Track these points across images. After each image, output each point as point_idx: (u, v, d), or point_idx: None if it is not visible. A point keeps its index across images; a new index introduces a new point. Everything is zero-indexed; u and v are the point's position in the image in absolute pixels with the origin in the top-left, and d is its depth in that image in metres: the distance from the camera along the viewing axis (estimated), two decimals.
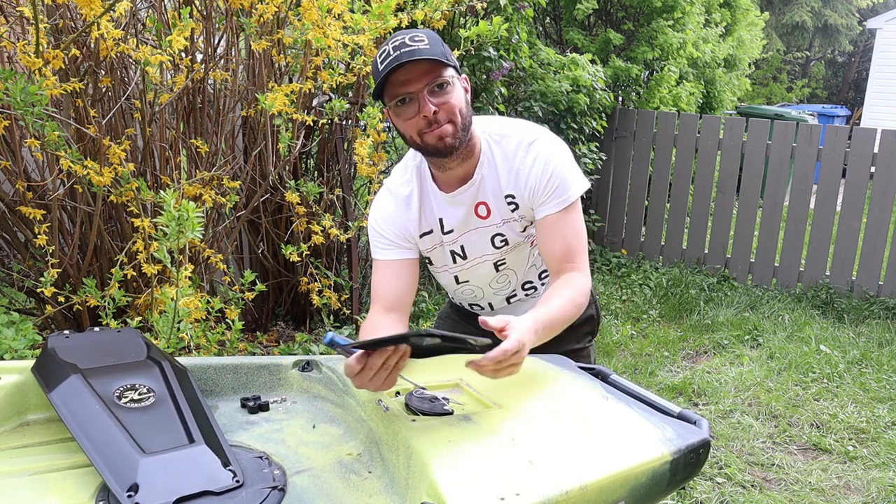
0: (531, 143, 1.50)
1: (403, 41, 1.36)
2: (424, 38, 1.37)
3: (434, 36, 1.39)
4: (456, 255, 1.63)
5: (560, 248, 1.52)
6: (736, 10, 7.92)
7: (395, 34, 1.39)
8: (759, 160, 5.29)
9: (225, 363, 1.37)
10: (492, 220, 1.57)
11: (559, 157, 1.51)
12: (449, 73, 1.39)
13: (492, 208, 1.55)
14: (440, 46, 1.39)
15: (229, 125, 3.08)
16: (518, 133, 1.52)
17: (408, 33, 1.37)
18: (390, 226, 1.57)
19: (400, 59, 1.35)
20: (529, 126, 1.55)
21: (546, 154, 1.50)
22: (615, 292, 5.18)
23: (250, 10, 2.55)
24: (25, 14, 2.07)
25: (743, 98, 13.26)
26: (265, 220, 3.44)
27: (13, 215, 2.45)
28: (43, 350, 1.22)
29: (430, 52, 1.35)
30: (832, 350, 4.18)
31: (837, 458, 3.07)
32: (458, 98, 1.42)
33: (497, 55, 4.24)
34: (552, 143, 1.52)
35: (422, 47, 1.36)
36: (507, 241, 1.60)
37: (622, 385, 1.42)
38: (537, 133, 1.53)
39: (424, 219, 1.58)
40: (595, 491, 1.05)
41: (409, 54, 1.34)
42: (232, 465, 1.05)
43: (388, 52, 1.37)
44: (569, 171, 1.51)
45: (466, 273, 1.67)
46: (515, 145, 1.51)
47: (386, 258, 1.58)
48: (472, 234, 1.59)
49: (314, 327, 3.76)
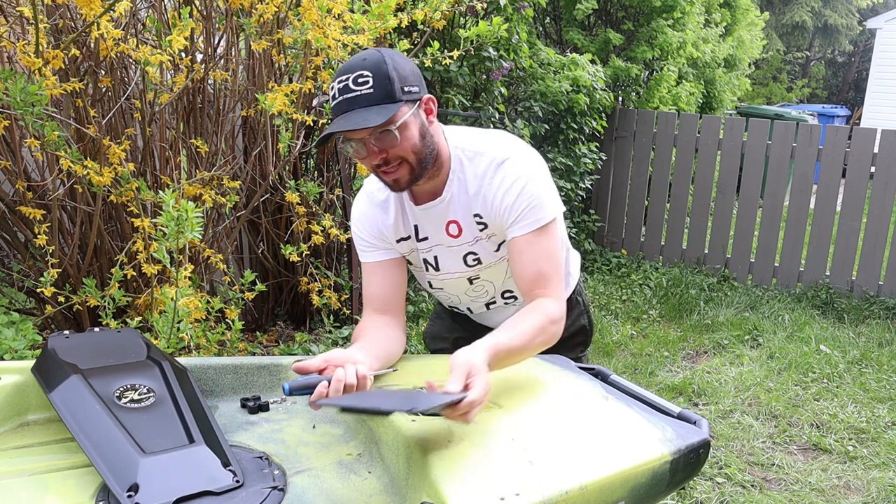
0: (502, 163, 1.43)
1: (348, 84, 1.30)
2: (370, 80, 1.30)
3: (381, 71, 1.30)
4: (429, 264, 1.59)
5: (530, 273, 1.44)
6: (736, 10, 7.93)
7: (344, 69, 1.32)
8: (759, 160, 5.29)
9: (225, 363, 1.37)
10: (463, 239, 1.52)
11: (532, 176, 1.43)
12: (398, 114, 1.31)
13: (462, 227, 1.50)
14: (387, 85, 1.30)
15: (229, 125, 3.08)
16: (491, 151, 1.45)
17: (354, 71, 1.30)
18: (368, 228, 1.55)
19: (341, 107, 1.31)
20: (505, 142, 1.48)
21: (517, 173, 1.42)
22: (615, 292, 5.18)
23: (250, 10, 2.55)
24: (25, 14, 2.07)
25: (743, 98, 13.27)
26: (265, 220, 3.43)
27: (13, 215, 2.45)
28: (43, 350, 1.23)
29: (372, 98, 1.29)
30: (832, 350, 4.18)
31: (837, 458, 3.07)
32: (410, 138, 1.35)
33: (497, 55, 4.24)
34: (525, 162, 1.45)
35: (364, 93, 1.29)
36: (479, 259, 1.55)
37: (622, 385, 1.42)
38: (511, 151, 1.45)
39: (402, 224, 1.55)
40: (595, 491, 1.05)
41: (350, 103, 1.30)
42: (232, 465, 1.05)
43: (335, 91, 1.33)
44: (542, 191, 1.44)
45: (440, 283, 1.65)
46: (486, 164, 1.44)
47: (370, 260, 1.57)
48: (444, 250, 1.56)
49: (314, 327, 3.76)
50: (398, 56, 1.35)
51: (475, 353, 1.19)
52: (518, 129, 4.52)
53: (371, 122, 1.27)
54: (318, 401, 1.14)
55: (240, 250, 3.68)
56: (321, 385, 1.17)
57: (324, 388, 1.17)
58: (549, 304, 1.41)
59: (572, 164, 5.18)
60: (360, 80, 1.30)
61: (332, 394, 1.18)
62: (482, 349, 1.21)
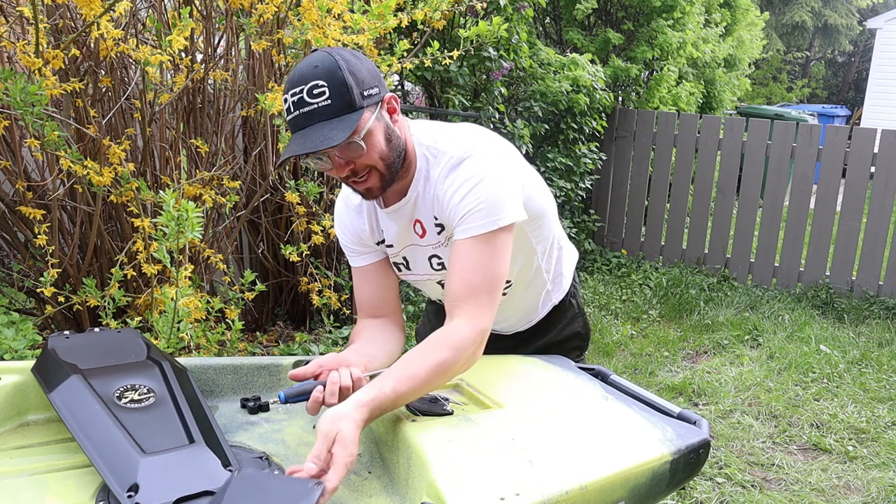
0: (460, 162, 1.33)
1: (302, 98, 1.21)
2: (325, 90, 1.20)
3: (336, 79, 1.21)
4: (401, 265, 1.53)
5: (457, 281, 1.29)
6: (736, 10, 7.93)
7: (295, 79, 1.22)
8: (759, 160, 5.29)
9: (225, 363, 1.37)
10: (427, 241, 1.45)
11: (486, 177, 1.30)
12: (361, 123, 1.23)
13: (426, 228, 1.43)
14: (344, 93, 1.21)
15: (229, 125, 3.08)
16: (451, 149, 1.35)
17: (307, 81, 1.21)
18: (348, 234, 1.52)
19: (298, 123, 1.23)
20: (468, 139, 1.37)
21: (469, 173, 1.31)
22: (615, 292, 5.18)
23: (250, 10, 2.55)
24: (25, 14, 2.07)
25: (743, 98, 13.27)
26: (265, 220, 3.43)
27: (13, 215, 2.45)
28: (43, 350, 1.22)
29: (330, 111, 1.21)
30: (832, 350, 4.18)
31: (837, 458, 3.07)
32: (376, 145, 1.27)
33: (497, 55, 4.24)
34: (484, 162, 1.32)
35: (321, 105, 1.21)
36: (444, 264, 1.47)
37: (622, 385, 1.42)
38: (471, 149, 1.34)
39: (375, 229, 1.50)
40: (595, 491, 1.05)
41: (307, 118, 1.21)
42: (232, 466, 1.05)
43: (288, 105, 1.24)
44: (497, 194, 1.30)
45: (414, 283, 1.60)
46: (444, 164, 1.35)
47: (357, 265, 1.53)
48: (412, 249, 1.49)
49: (314, 327, 3.76)
50: (351, 56, 1.25)
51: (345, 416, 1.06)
52: (518, 129, 4.52)
53: (334, 140, 1.19)
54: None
55: (240, 250, 3.68)
56: (317, 390, 1.18)
57: (319, 392, 1.17)
58: (457, 332, 1.24)
59: (572, 164, 5.18)
60: (316, 92, 1.21)
61: (328, 397, 1.17)
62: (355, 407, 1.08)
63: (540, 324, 1.72)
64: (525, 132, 4.55)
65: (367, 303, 1.53)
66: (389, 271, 1.54)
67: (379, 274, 1.53)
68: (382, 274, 1.53)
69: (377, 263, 1.53)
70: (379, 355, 1.38)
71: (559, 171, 5.11)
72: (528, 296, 1.64)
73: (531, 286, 1.62)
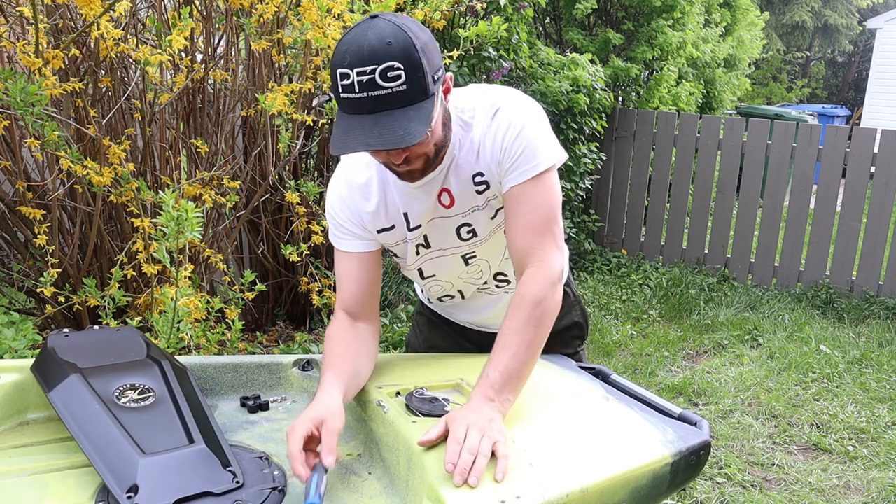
0: (495, 113, 1.30)
1: (374, 79, 1.08)
2: (402, 74, 1.09)
3: (413, 62, 1.10)
4: (420, 246, 1.44)
5: (521, 226, 1.30)
6: (736, 10, 7.92)
7: (363, 55, 1.08)
8: (759, 160, 5.29)
9: (225, 362, 1.36)
10: (456, 209, 1.37)
11: (526, 120, 1.29)
12: (434, 112, 1.15)
13: (455, 196, 1.36)
14: (420, 78, 1.11)
15: (229, 125, 3.08)
16: (482, 103, 1.32)
17: (381, 61, 1.08)
18: (347, 213, 1.39)
19: (364, 106, 1.11)
20: (494, 93, 1.34)
21: (510, 118, 1.29)
22: (615, 292, 5.18)
23: (250, 10, 2.55)
24: (25, 14, 2.07)
25: (743, 98, 13.27)
26: (265, 220, 3.43)
27: (13, 215, 2.45)
28: (42, 349, 1.22)
29: (405, 98, 1.10)
30: (832, 350, 4.18)
31: (837, 458, 3.07)
32: (436, 132, 1.20)
33: (497, 55, 4.24)
34: (519, 108, 1.31)
35: (396, 90, 1.09)
36: (474, 231, 1.41)
37: (622, 385, 1.42)
38: (502, 99, 1.32)
39: (385, 213, 1.39)
40: (596, 493, 1.05)
41: (376, 103, 1.10)
42: (232, 466, 1.05)
43: (352, 82, 1.10)
44: (538, 135, 1.30)
45: (432, 267, 1.49)
46: (482, 118, 1.31)
47: (345, 249, 1.41)
48: (435, 224, 1.40)
49: (314, 327, 3.76)
50: (419, 30, 1.14)
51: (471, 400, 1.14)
52: None
53: (415, 136, 1.10)
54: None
55: (240, 250, 3.68)
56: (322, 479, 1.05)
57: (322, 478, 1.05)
58: (532, 284, 1.26)
59: (572, 164, 5.17)
60: (391, 75, 1.09)
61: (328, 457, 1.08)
62: (477, 390, 1.15)
63: None
64: None
65: (351, 297, 1.40)
66: (377, 263, 1.44)
67: (370, 264, 1.42)
68: (373, 265, 1.42)
69: (370, 254, 1.42)
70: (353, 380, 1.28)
71: (559, 171, 5.09)
72: None
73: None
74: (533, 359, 1.23)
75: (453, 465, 1.02)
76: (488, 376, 1.17)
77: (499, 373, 1.17)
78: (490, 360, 1.20)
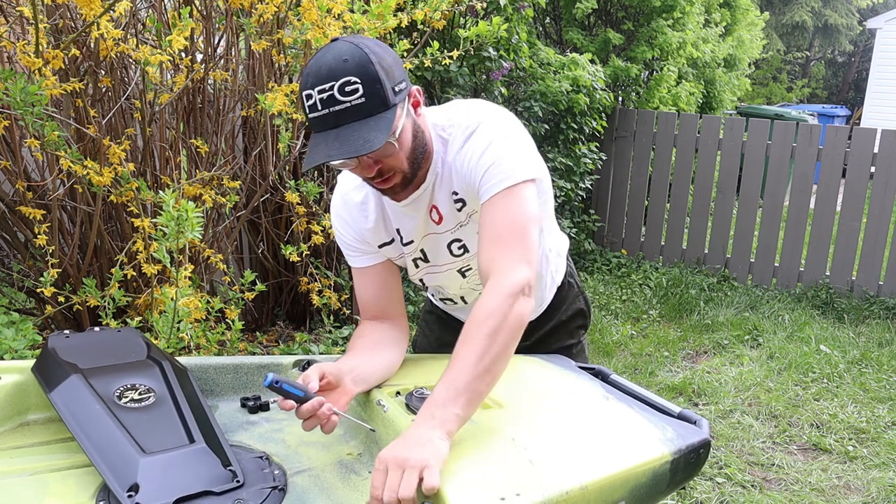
0: (470, 135, 1.31)
1: (333, 95, 1.14)
2: (359, 87, 1.14)
3: (370, 74, 1.14)
4: (419, 260, 1.49)
5: (486, 239, 1.27)
6: (736, 10, 7.93)
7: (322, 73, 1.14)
8: (759, 160, 5.29)
9: (225, 363, 1.37)
10: (445, 226, 1.41)
11: (498, 137, 1.30)
12: (396, 122, 1.18)
13: (443, 212, 1.39)
14: (378, 90, 1.15)
15: (229, 125, 3.08)
16: (463, 121, 1.33)
17: (337, 77, 1.13)
18: (349, 232, 1.45)
19: (327, 122, 1.15)
20: (473, 112, 1.35)
21: (485, 137, 1.30)
22: (615, 292, 5.18)
23: (250, 10, 2.55)
24: (25, 14, 2.07)
25: (743, 98, 13.27)
26: (265, 220, 3.43)
27: (13, 215, 2.45)
28: (43, 350, 1.22)
29: (365, 109, 1.14)
30: (832, 350, 4.18)
31: (837, 458, 3.07)
32: (405, 143, 1.24)
33: (497, 55, 4.24)
34: (495, 125, 1.32)
35: (355, 104, 1.14)
36: (465, 247, 1.45)
37: (622, 385, 1.42)
38: (482, 116, 1.33)
39: (384, 228, 1.44)
40: (595, 491, 1.05)
41: (338, 117, 1.14)
42: (232, 465, 1.05)
43: (314, 102, 1.15)
44: (510, 151, 1.30)
45: (432, 279, 1.55)
46: (459, 136, 1.33)
47: (358, 265, 1.48)
48: (430, 239, 1.45)
49: (314, 327, 3.76)
50: (377, 47, 1.19)
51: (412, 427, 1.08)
52: None
53: (374, 144, 1.14)
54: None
55: (240, 250, 3.68)
56: (310, 406, 1.13)
57: (305, 413, 1.14)
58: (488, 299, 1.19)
59: (572, 164, 5.18)
60: (349, 89, 1.14)
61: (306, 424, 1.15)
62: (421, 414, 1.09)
63: (548, 307, 1.74)
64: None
65: (370, 305, 1.48)
66: (392, 271, 1.50)
67: (382, 275, 1.48)
68: (386, 274, 1.48)
69: (380, 265, 1.48)
70: (375, 369, 1.33)
71: (559, 171, 5.11)
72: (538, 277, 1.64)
73: (539, 266, 1.61)
74: (488, 373, 1.14)
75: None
76: (433, 393, 1.12)
77: (444, 388, 1.11)
78: (441, 377, 1.14)
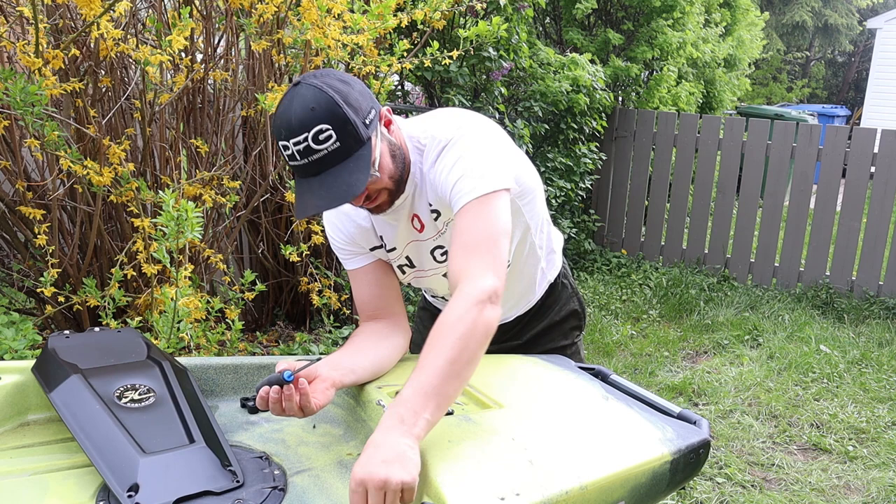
0: (448, 143, 1.33)
1: (308, 145, 1.17)
2: (332, 133, 1.17)
3: (339, 118, 1.17)
4: (405, 266, 1.52)
5: (455, 248, 1.26)
6: (736, 10, 7.93)
7: (293, 126, 1.17)
8: (759, 160, 5.29)
9: (225, 363, 1.37)
10: (427, 234, 1.44)
11: (474, 149, 1.31)
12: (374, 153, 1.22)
13: (424, 221, 1.43)
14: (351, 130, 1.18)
15: (229, 125, 3.08)
16: (440, 134, 1.35)
17: (309, 128, 1.16)
18: (341, 236, 1.49)
19: (309, 170, 1.19)
20: (455, 121, 1.37)
21: (458, 150, 1.31)
22: (615, 292, 5.18)
23: (250, 10, 2.55)
24: (25, 14, 2.07)
25: (743, 98, 13.27)
26: (265, 220, 3.43)
27: (13, 215, 2.45)
28: (43, 350, 1.23)
29: (342, 153, 1.18)
30: (832, 350, 4.18)
31: (837, 458, 3.07)
32: (385, 166, 1.29)
33: (497, 55, 4.24)
34: (469, 137, 1.33)
35: (331, 150, 1.18)
36: (447, 253, 1.43)
37: (622, 385, 1.42)
38: (456, 129, 1.34)
39: (373, 233, 1.48)
40: (595, 491, 1.05)
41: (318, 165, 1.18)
42: (232, 465, 1.05)
43: (292, 153, 1.19)
44: (483, 162, 1.30)
45: (420, 283, 1.59)
46: (435, 149, 1.35)
47: (352, 267, 1.50)
48: (414, 246, 1.48)
49: (314, 327, 3.76)
50: (341, 84, 1.21)
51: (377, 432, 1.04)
52: (518, 129, 4.52)
53: (358, 186, 1.18)
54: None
55: (240, 250, 3.68)
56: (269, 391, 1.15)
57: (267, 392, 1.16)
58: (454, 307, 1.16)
59: (572, 164, 5.18)
60: (322, 137, 1.17)
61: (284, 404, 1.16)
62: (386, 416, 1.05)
63: (539, 306, 1.73)
64: (525, 132, 4.55)
65: (367, 305, 1.49)
66: (387, 271, 1.52)
67: (376, 274, 1.50)
68: (380, 274, 1.50)
69: (373, 264, 1.50)
70: (363, 360, 1.34)
71: (559, 171, 5.11)
72: (525, 273, 1.65)
73: (527, 263, 1.63)
74: (457, 378, 1.11)
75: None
76: (402, 394, 1.08)
77: (412, 390, 1.07)
78: (408, 380, 1.11)
